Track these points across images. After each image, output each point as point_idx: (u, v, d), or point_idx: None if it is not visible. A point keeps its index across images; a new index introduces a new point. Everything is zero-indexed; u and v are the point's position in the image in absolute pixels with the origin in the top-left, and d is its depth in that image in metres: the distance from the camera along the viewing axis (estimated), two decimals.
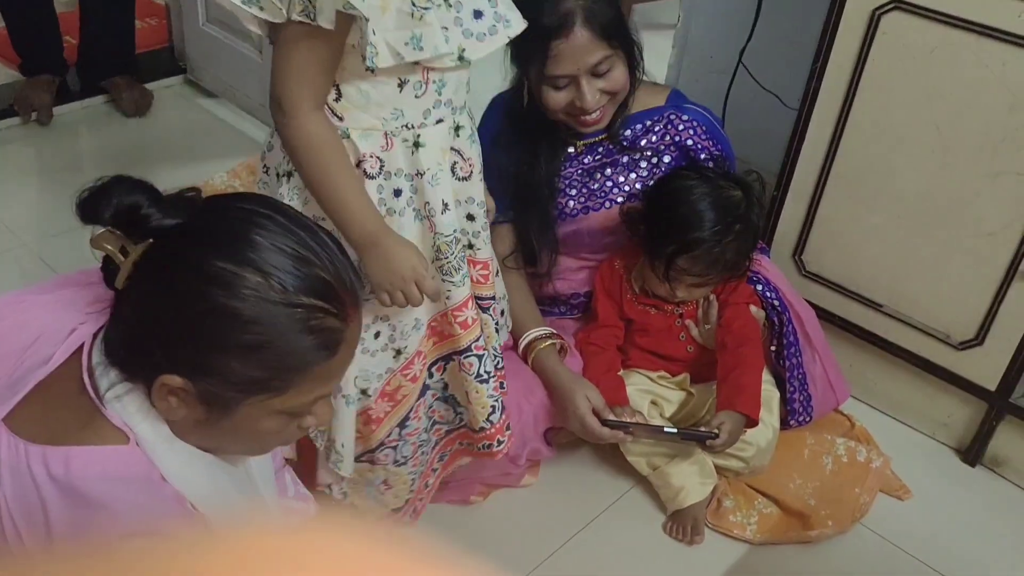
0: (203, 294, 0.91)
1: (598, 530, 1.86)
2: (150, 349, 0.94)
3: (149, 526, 0.90)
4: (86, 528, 0.89)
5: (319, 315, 0.94)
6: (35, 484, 0.91)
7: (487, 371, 1.61)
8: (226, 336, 0.91)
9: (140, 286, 0.94)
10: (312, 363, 0.95)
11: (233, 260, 0.91)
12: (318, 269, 0.94)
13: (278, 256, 0.92)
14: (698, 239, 1.71)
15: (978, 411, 2.01)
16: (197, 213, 0.95)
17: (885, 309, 2.03)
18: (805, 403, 1.95)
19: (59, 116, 3.14)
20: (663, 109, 1.87)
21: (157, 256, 0.93)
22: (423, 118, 1.40)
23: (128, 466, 0.94)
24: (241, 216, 0.94)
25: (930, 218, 1.89)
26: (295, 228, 0.95)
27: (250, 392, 0.94)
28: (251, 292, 0.90)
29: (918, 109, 1.82)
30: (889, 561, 1.83)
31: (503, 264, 1.89)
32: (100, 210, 0.92)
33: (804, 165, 2.03)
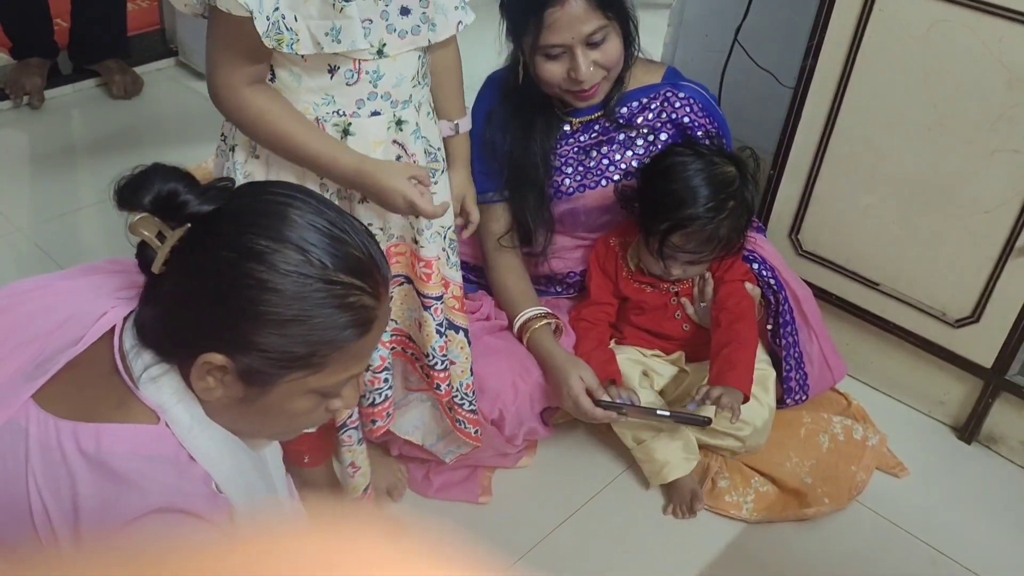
0: (244, 271, 0.92)
1: (595, 510, 1.86)
2: (190, 329, 0.96)
3: (175, 504, 0.91)
4: (113, 505, 0.89)
5: (356, 292, 0.96)
6: (64, 459, 0.92)
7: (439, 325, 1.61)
8: (267, 312, 0.93)
9: (178, 269, 0.95)
10: (348, 340, 0.97)
11: (272, 238, 0.93)
12: (352, 248, 0.97)
13: (314, 234, 0.95)
14: (692, 216, 1.70)
15: (974, 389, 2.01)
16: (231, 198, 0.97)
17: (881, 288, 2.03)
18: (801, 382, 1.95)
19: (50, 100, 3.12)
20: (659, 87, 1.86)
21: (195, 239, 0.95)
22: (356, 107, 1.40)
23: (157, 445, 0.95)
24: (275, 198, 0.96)
25: (926, 196, 1.89)
26: (327, 209, 0.98)
27: (289, 368, 0.96)
28: (291, 268, 0.93)
29: (915, 86, 1.81)
30: (885, 538, 1.84)
31: (498, 243, 1.89)
32: (139, 196, 0.94)
33: (800, 144, 2.02)
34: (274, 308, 0.93)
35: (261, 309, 0.93)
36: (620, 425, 1.87)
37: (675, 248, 1.75)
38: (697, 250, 1.75)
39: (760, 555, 1.79)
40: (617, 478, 1.93)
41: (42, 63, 3.10)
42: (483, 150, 1.88)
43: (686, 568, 1.75)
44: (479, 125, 1.88)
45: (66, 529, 0.90)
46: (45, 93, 3.09)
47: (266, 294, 0.92)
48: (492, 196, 1.89)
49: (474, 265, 2.01)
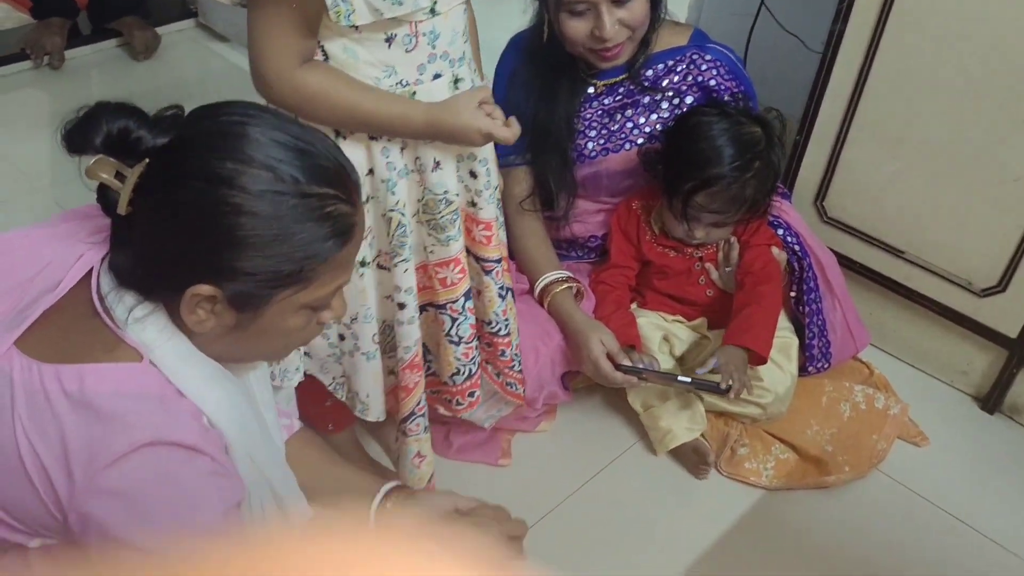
0: (216, 198, 0.90)
1: (614, 475, 1.87)
2: (171, 265, 0.94)
3: (164, 437, 0.91)
4: (100, 443, 0.89)
5: (331, 202, 0.95)
6: (49, 402, 0.91)
7: (460, 336, 1.57)
8: (248, 235, 0.91)
9: (146, 207, 0.93)
10: (332, 251, 0.96)
11: (237, 159, 0.91)
12: (320, 159, 0.95)
13: (280, 150, 0.92)
14: (717, 175, 1.68)
15: (998, 359, 1.99)
16: (185, 126, 0.94)
17: (907, 256, 2.00)
18: (824, 350, 1.94)
19: (71, 60, 3.12)
20: (685, 49, 1.84)
21: (157, 174, 0.92)
22: (418, 74, 1.34)
23: (143, 382, 0.95)
24: (232, 118, 0.93)
25: (955, 163, 1.86)
26: (287, 123, 0.96)
27: (278, 288, 0.95)
28: (263, 188, 0.91)
29: (947, 51, 1.78)
30: (905, 506, 1.83)
31: (519, 207, 1.87)
32: (89, 138, 0.92)
33: (827, 109, 1.99)
34: (254, 231, 0.91)
35: (241, 234, 0.91)
36: (632, 390, 1.87)
37: (699, 208, 1.73)
38: (722, 210, 1.73)
39: (779, 522, 1.79)
40: (636, 443, 1.93)
41: (62, 23, 3.09)
42: (505, 112, 1.85)
43: (704, 534, 1.75)
44: (502, 87, 1.87)
45: (59, 471, 0.89)
46: (65, 53, 3.09)
47: (243, 218, 0.90)
48: (514, 159, 1.87)
49: None
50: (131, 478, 0.89)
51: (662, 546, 1.73)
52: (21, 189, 2.53)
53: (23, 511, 0.93)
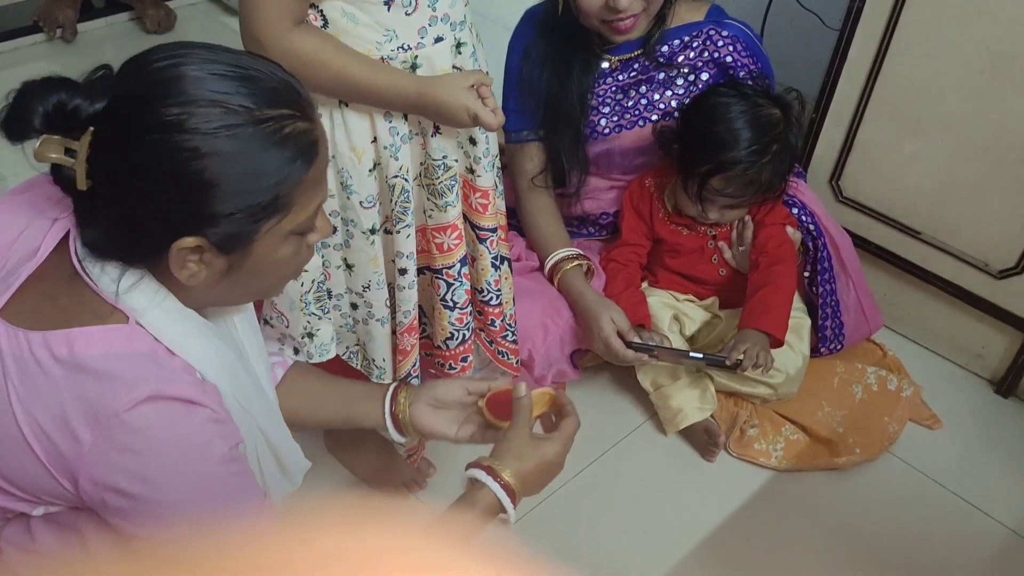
0: (172, 147, 0.88)
1: (622, 453, 1.86)
2: (147, 227, 0.93)
3: (163, 391, 0.91)
4: (99, 402, 0.89)
5: (288, 122, 0.92)
6: (41, 369, 0.91)
7: (455, 301, 1.57)
8: (215, 177, 0.89)
9: (106, 177, 0.91)
10: (302, 172, 0.94)
11: (181, 103, 0.88)
12: (265, 81, 0.92)
13: (221, 82, 0.89)
14: (733, 159, 1.66)
15: (1014, 342, 1.97)
16: (119, 84, 0.91)
17: (923, 236, 1.98)
18: (837, 331, 1.92)
19: (83, 33, 3.10)
20: (702, 24, 1.81)
21: (106, 140, 0.90)
22: (419, 37, 1.33)
23: (132, 342, 0.94)
24: (163, 62, 0.89)
25: (973, 143, 1.83)
26: (221, 53, 0.92)
27: (261, 220, 0.94)
28: (217, 125, 0.88)
29: (967, 27, 1.75)
30: (916, 489, 1.82)
31: (531, 183, 1.86)
32: (27, 121, 0.89)
33: (844, 87, 1.96)
34: (219, 170, 0.89)
35: (208, 177, 0.89)
36: (641, 370, 1.86)
37: (714, 192, 1.71)
38: (737, 194, 1.71)
39: (788, 503, 1.78)
40: (645, 422, 1.92)
41: None
42: (520, 87, 1.84)
43: (712, 515, 1.74)
44: (516, 62, 1.85)
45: (62, 436, 0.89)
46: (78, 26, 3.08)
47: (205, 160, 0.88)
48: (527, 135, 1.86)
49: (506, 206, 1.99)
50: (137, 433, 0.89)
51: (670, 526, 1.72)
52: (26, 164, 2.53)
53: (26, 479, 0.93)
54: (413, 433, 1.30)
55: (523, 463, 1.16)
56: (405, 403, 1.28)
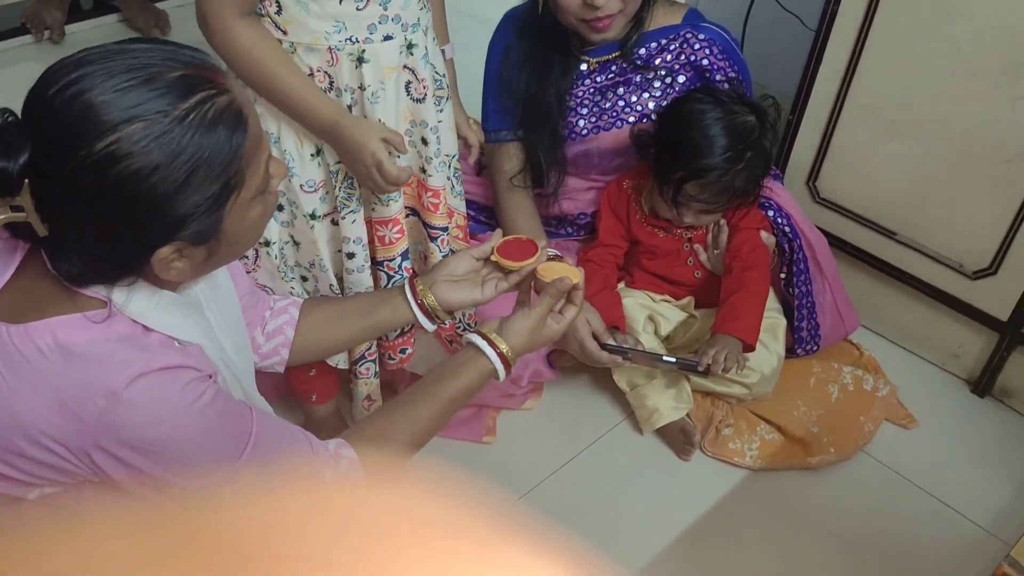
0: (113, 179, 0.89)
1: (597, 453, 1.87)
2: (122, 251, 0.95)
3: (151, 366, 0.95)
4: (90, 385, 0.93)
5: (208, 103, 0.93)
6: (27, 360, 0.93)
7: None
8: (165, 187, 0.91)
9: (62, 218, 0.92)
10: (240, 143, 0.95)
11: (102, 133, 0.88)
12: (168, 71, 0.92)
13: (128, 95, 0.89)
14: (708, 166, 1.67)
15: (989, 342, 1.98)
16: (33, 129, 0.90)
17: (898, 237, 1.99)
18: (813, 332, 1.93)
19: (71, 34, 3.11)
20: (679, 28, 1.82)
21: (47, 188, 0.90)
22: (368, 32, 1.37)
23: (111, 327, 0.97)
24: (68, 93, 0.89)
25: (947, 144, 1.85)
26: (115, 60, 0.91)
27: (221, 204, 0.96)
28: (145, 139, 0.89)
29: (939, 30, 1.76)
30: (890, 488, 1.83)
31: (510, 183, 1.87)
32: None
33: (820, 89, 1.98)
34: (167, 180, 0.90)
35: (159, 190, 0.90)
36: (617, 370, 1.87)
37: (689, 197, 1.72)
38: (711, 200, 1.72)
39: (762, 502, 1.79)
40: (621, 423, 1.93)
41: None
42: (499, 88, 1.86)
43: (686, 513, 1.75)
44: (496, 62, 1.86)
45: (62, 419, 0.93)
46: (66, 28, 3.09)
47: (151, 178, 0.89)
48: (506, 135, 1.87)
49: (484, 205, 2.00)
50: (136, 406, 0.94)
51: (644, 525, 1.73)
52: None
53: (28, 464, 0.96)
54: (443, 315, 1.37)
55: (522, 339, 1.31)
56: (425, 291, 1.35)
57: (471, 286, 1.38)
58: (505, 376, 1.32)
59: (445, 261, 1.40)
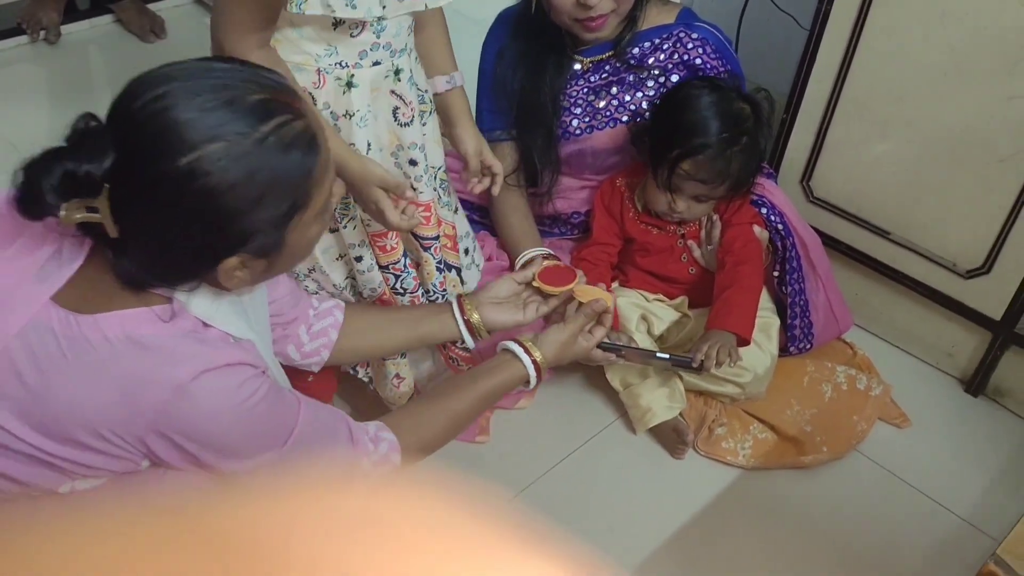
0: (193, 194, 0.94)
1: (591, 453, 1.87)
2: (188, 260, 1.01)
3: (214, 362, 1.01)
4: (154, 378, 0.98)
5: (285, 126, 0.98)
6: (95, 349, 0.98)
7: (404, 288, 1.64)
8: (239, 204, 0.96)
9: (134, 223, 0.96)
10: (312, 165, 1.01)
11: (188, 151, 0.93)
12: (248, 94, 0.97)
13: (212, 115, 0.94)
14: (703, 144, 1.67)
15: (983, 341, 1.98)
16: (118, 138, 0.94)
17: (892, 236, 1.99)
18: (806, 330, 1.93)
19: (67, 35, 3.11)
20: (672, 27, 1.83)
21: (124, 194, 0.95)
22: (359, 58, 1.40)
23: (177, 322, 1.03)
24: (156, 107, 0.94)
25: (940, 143, 1.85)
26: (202, 80, 0.96)
27: (288, 220, 1.02)
28: (224, 159, 0.94)
29: (932, 28, 1.76)
30: (883, 487, 1.83)
31: (503, 182, 1.87)
32: (40, 200, 0.93)
33: (814, 88, 1.98)
34: (241, 197, 0.96)
35: (233, 206, 0.96)
36: (610, 369, 1.87)
37: (685, 177, 1.71)
38: (707, 180, 1.70)
39: (755, 502, 1.79)
40: (614, 422, 1.93)
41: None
42: (493, 88, 1.86)
43: (679, 512, 1.75)
44: (489, 63, 1.87)
45: (125, 408, 0.98)
46: (62, 28, 3.08)
47: (226, 195, 0.95)
48: (500, 134, 1.88)
49: (478, 206, 2.00)
50: (197, 401, 1.00)
51: (637, 524, 1.73)
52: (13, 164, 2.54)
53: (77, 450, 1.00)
54: (485, 333, 1.50)
55: (554, 350, 1.45)
56: (471, 310, 1.48)
57: (514, 308, 1.52)
58: (536, 383, 1.44)
59: (489, 284, 1.53)
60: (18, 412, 0.99)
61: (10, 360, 0.98)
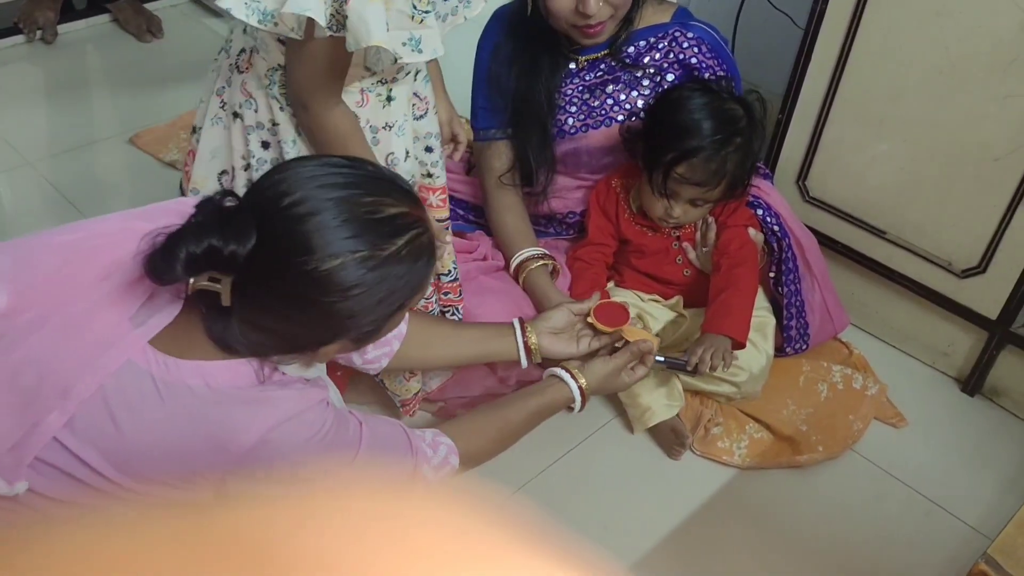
0: (323, 296, 1.01)
1: (586, 452, 1.86)
2: (292, 343, 1.08)
3: (288, 413, 1.07)
4: (240, 427, 1.04)
5: (413, 240, 1.05)
6: (189, 392, 1.03)
7: None
8: (357, 307, 1.03)
9: (250, 300, 1.03)
10: (428, 275, 1.10)
11: (331, 257, 1.00)
12: (387, 207, 1.03)
13: (350, 227, 1.00)
14: (698, 147, 1.67)
15: (979, 340, 1.98)
16: (262, 228, 1.00)
17: (888, 236, 1.99)
18: (802, 331, 1.93)
19: (64, 35, 3.11)
20: (668, 26, 1.83)
21: (250, 279, 1.01)
22: (396, 73, 1.46)
23: (260, 373, 1.09)
24: (300, 212, 1.00)
25: (935, 142, 1.84)
26: (342, 191, 1.02)
27: (392, 316, 1.10)
28: (359, 270, 1.01)
29: (927, 28, 1.76)
30: (879, 487, 1.83)
31: (499, 181, 1.87)
32: (171, 268, 0.98)
33: (810, 87, 1.97)
34: (363, 300, 1.02)
35: (354, 309, 1.03)
36: None
37: (680, 181, 1.71)
38: (703, 182, 1.70)
39: (751, 501, 1.79)
40: (609, 422, 1.93)
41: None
42: (488, 85, 1.86)
43: (674, 512, 1.75)
44: (484, 60, 1.87)
45: (210, 450, 1.03)
46: (58, 28, 3.09)
47: (350, 299, 1.02)
48: (495, 132, 1.88)
49: (473, 205, 2.00)
50: (277, 449, 1.06)
51: (632, 523, 1.73)
52: (11, 163, 2.54)
53: (158, 486, 1.05)
54: (539, 357, 1.59)
55: (598, 380, 1.55)
56: (532, 335, 1.58)
57: (569, 340, 1.61)
58: (580, 408, 1.55)
59: (547, 315, 1.63)
60: (103, 449, 1.02)
61: (104, 398, 1.01)
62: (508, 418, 1.45)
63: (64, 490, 1.03)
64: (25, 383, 1.01)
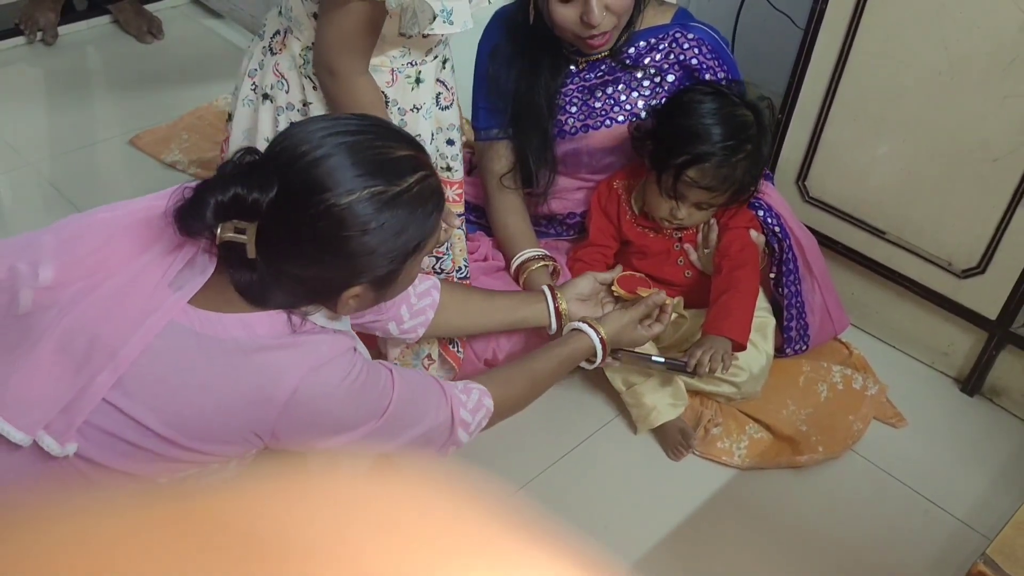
0: (340, 233, 1.06)
1: (586, 452, 1.87)
2: (315, 288, 1.14)
3: (321, 359, 1.13)
4: (280, 376, 1.09)
5: (422, 180, 1.12)
6: (233, 343, 1.09)
7: (442, 268, 1.72)
8: (375, 244, 1.08)
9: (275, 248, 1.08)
10: (437, 219, 1.16)
11: (347, 193, 1.06)
12: (395, 153, 1.10)
13: (365, 166, 1.07)
14: (708, 152, 1.67)
15: (978, 340, 1.98)
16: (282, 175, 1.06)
17: (888, 236, 1.99)
18: (802, 331, 1.93)
19: (64, 36, 3.12)
20: (668, 27, 1.83)
21: (275, 222, 1.06)
22: (425, 56, 1.50)
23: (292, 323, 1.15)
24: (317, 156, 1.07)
25: (935, 143, 1.85)
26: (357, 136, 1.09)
27: (408, 259, 1.15)
28: (376, 204, 1.07)
29: (927, 28, 1.76)
30: (879, 487, 1.83)
31: (500, 182, 1.88)
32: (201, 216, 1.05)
33: (809, 87, 1.98)
34: (378, 236, 1.08)
35: (369, 246, 1.08)
36: (611, 369, 1.87)
37: (689, 184, 1.71)
38: (712, 187, 1.70)
39: (751, 501, 1.79)
40: (610, 422, 1.93)
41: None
42: (487, 86, 1.86)
43: (674, 512, 1.75)
44: (484, 61, 1.87)
45: (256, 402, 1.09)
46: (59, 29, 3.09)
47: (366, 236, 1.07)
48: (496, 133, 1.88)
49: (475, 205, 2.00)
50: (312, 397, 1.12)
51: (633, 522, 1.73)
52: (12, 164, 2.54)
53: (208, 442, 1.11)
54: (567, 321, 1.67)
55: (615, 330, 1.63)
56: (563, 300, 1.68)
57: (594, 306, 1.72)
58: (600, 360, 1.62)
59: (574, 282, 1.73)
60: (156, 408, 1.07)
61: (152, 358, 1.07)
62: (536, 368, 1.52)
63: (112, 455, 1.09)
64: (75, 348, 1.07)
